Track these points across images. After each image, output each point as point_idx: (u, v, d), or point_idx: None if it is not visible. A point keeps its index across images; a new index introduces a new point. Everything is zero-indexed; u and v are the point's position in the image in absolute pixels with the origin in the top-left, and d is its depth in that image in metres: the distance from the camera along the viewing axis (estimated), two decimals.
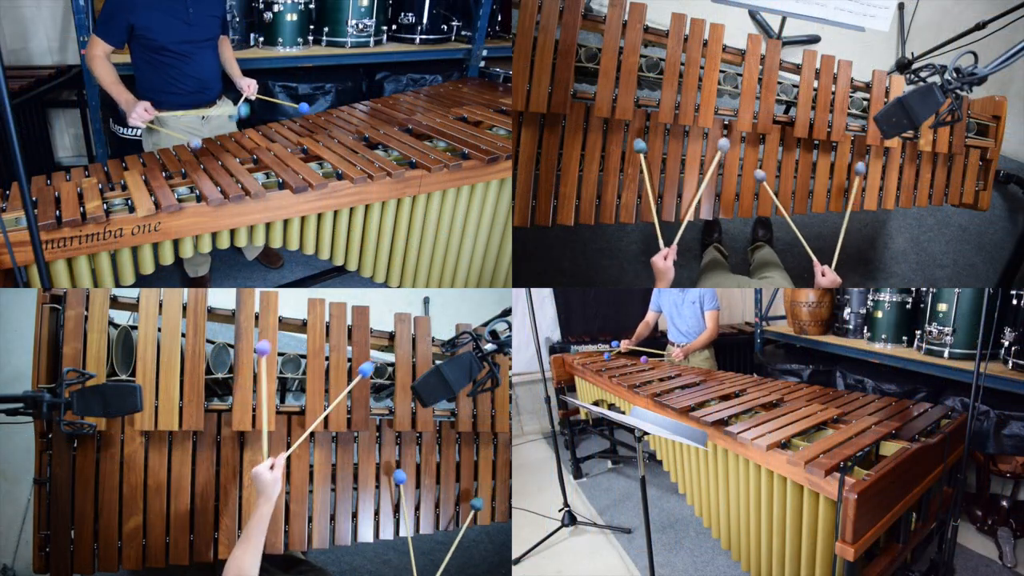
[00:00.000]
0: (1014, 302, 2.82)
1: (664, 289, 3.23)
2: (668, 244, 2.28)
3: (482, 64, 4.34)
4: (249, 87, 3.04)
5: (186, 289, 2.05)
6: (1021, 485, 2.97)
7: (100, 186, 2.29)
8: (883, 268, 3.70)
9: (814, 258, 2.40)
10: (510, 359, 2.55)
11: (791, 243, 3.54)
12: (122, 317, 2.06)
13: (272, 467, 1.76)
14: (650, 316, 3.89)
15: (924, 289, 3.32)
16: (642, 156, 2.31)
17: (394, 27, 4.17)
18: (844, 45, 3.62)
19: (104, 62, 2.80)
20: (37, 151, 3.84)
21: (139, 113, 2.69)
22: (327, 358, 2.15)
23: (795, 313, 4.05)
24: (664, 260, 2.26)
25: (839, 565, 1.76)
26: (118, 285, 2.26)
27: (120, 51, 2.88)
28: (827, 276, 2.38)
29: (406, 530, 2.20)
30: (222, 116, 3.09)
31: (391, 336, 2.28)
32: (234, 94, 3.13)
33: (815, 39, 3.68)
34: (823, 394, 2.70)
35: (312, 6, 3.85)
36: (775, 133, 2.53)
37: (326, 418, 2.11)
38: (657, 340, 4.01)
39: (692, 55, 2.37)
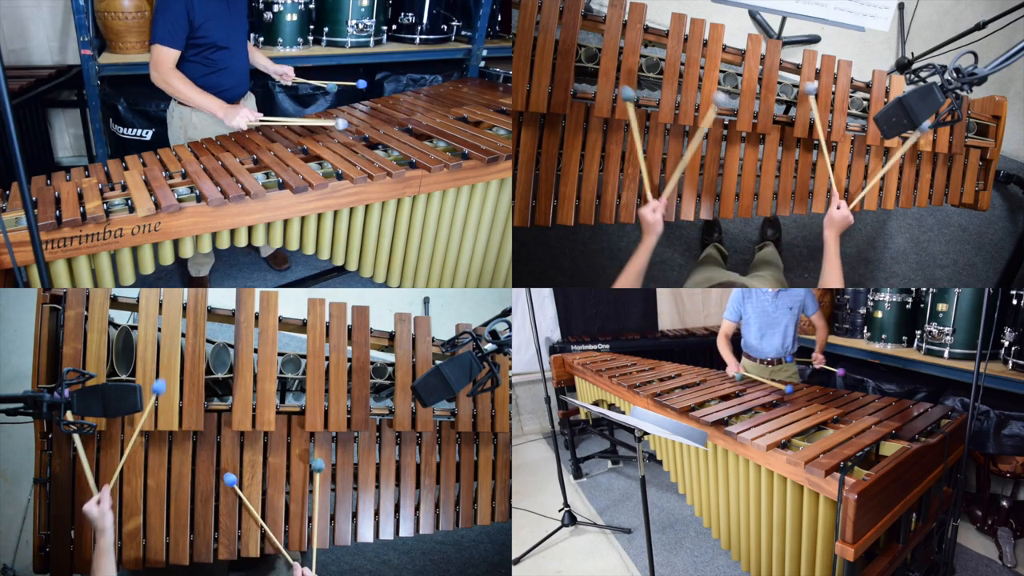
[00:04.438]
0: (1014, 302, 2.82)
1: (748, 297, 3.12)
2: (657, 197, 2.23)
3: (482, 64, 4.34)
4: (284, 75, 3.11)
5: (186, 289, 2.05)
6: (1021, 485, 2.97)
7: (100, 186, 2.29)
8: (883, 268, 3.70)
9: (834, 188, 2.40)
10: (510, 359, 2.55)
11: (791, 243, 3.54)
12: (122, 317, 2.06)
13: (99, 502, 1.73)
14: (729, 327, 3.24)
15: (924, 289, 3.32)
16: (630, 105, 2.19)
17: (394, 27, 4.17)
18: (844, 45, 3.63)
19: (178, 73, 2.70)
20: (37, 151, 3.84)
21: (245, 116, 2.71)
22: (327, 358, 2.15)
23: None
24: (653, 212, 2.20)
25: (839, 565, 1.76)
26: (118, 285, 2.26)
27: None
28: (841, 209, 2.37)
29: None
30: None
31: (391, 336, 2.28)
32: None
33: (815, 39, 3.68)
34: (823, 394, 2.70)
35: (312, 6, 3.85)
36: (775, 133, 2.53)
37: (327, 418, 2.11)
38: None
39: (692, 55, 2.37)
